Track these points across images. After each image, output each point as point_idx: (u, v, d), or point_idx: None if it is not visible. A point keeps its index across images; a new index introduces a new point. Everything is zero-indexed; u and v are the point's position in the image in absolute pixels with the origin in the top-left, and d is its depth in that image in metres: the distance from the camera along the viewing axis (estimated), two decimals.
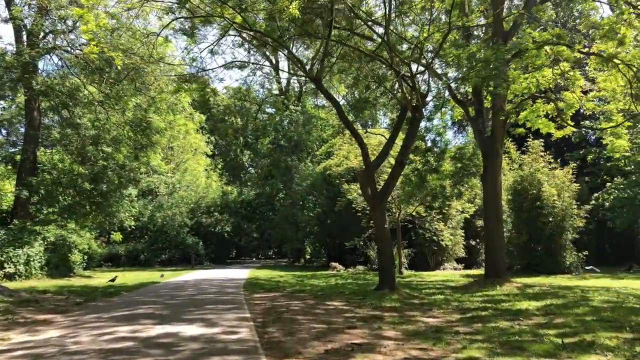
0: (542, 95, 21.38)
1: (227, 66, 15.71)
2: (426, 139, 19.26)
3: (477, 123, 17.80)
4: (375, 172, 14.78)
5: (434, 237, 26.68)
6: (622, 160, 30.23)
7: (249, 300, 12.95)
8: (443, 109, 21.68)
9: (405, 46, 15.32)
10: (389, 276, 13.92)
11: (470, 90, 17.70)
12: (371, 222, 25.38)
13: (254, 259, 52.81)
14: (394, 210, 24.93)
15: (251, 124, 38.64)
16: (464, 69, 14.53)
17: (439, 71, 15.49)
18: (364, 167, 14.36)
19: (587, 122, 30.83)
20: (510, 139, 26.24)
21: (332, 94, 15.77)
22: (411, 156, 19.06)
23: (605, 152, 30.70)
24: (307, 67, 14.59)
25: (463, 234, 29.31)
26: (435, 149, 19.54)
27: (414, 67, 15.75)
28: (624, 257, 33.69)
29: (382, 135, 20.81)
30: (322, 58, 13.58)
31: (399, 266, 24.77)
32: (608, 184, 29.72)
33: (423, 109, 14.94)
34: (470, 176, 20.20)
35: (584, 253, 24.33)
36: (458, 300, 12.62)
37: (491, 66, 13.91)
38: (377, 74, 16.31)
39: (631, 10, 16.20)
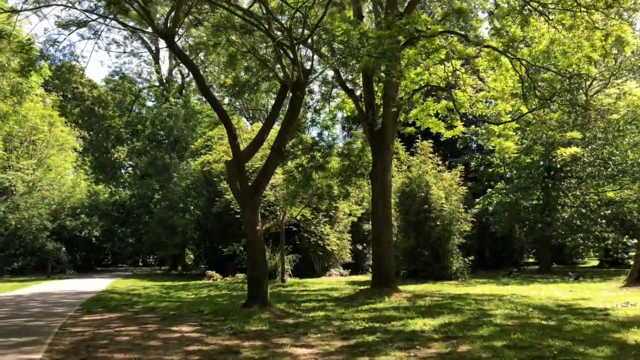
0: (433, 93, 20.15)
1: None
2: (309, 129, 16.85)
3: (367, 115, 15.74)
4: (246, 161, 12.05)
5: (320, 242, 24.43)
6: (502, 167, 30.25)
7: (67, 327, 9.58)
8: (332, 104, 19.63)
9: (286, 16, 12.76)
10: (261, 290, 11.21)
11: (358, 74, 15.59)
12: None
13: (130, 267, 47.56)
14: (279, 213, 22.35)
15: (125, 116, 34.41)
16: (354, 49, 12.30)
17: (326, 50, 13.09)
18: (232, 155, 11.57)
19: (473, 127, 30.51)
20: (399, 139, 24.76)
21: (188, 57, 12.84)
22: (295, 150, 16.62)
23: (489, 157, 30.70)
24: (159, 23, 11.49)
25: (350, 238, 27.47)
26: (322, 144, 17.24)
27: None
28: (502, 261, 33.96)
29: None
30: (175, 6, 10.59)
31: (282, 274, 22.23)
32: (489, 189, 29.46)
33: (306, 87, 12.48)
34: (359, 176, 18.13)
35: (470, 258, 23.37)
36: (340, 318, 10.21)
37: (384, 45, 11.84)
38: (256, 48, 13.59)
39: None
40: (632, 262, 34.10)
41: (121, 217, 39.66)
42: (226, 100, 30.05)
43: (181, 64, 34.84)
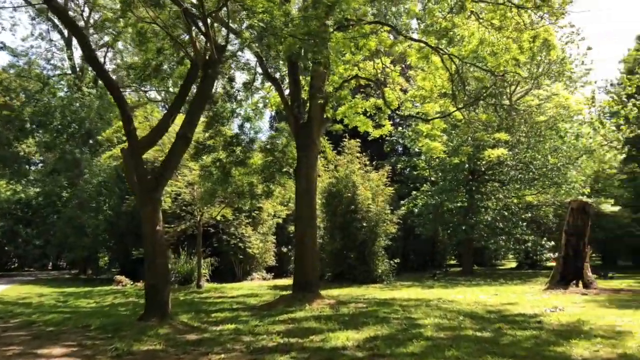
0: (362, 90, 19.28)
1: None
2: (228, 120, 15.28)
3: (292, 107, 14.42)
4: (146, 150, 10.34)
5: (240, 244, 22.80)
6: (428, 170, 29.98)
7: None
8: (257, 96, 18.20)
9: None
10: (161, 300, 9.54)
11: (282, 62, 14.24)
12: (168, 226, 20.69)
13: (36, 271, 43.33)
14: (196, 213, 20.53)
15: (31, 105, 31.02)
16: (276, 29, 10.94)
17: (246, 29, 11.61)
18: (127, 143, 9.82)
19: (400, 129, 30.04)
20: (327, 137, 23.66)
21: (70, 18, 11.00)
22: (213, 143, 14.99)
23: (415, 159, 30.34)
24: None
25: (275, 241, 26.04)
26: (243, 137, 15.72)
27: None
28: (426, 263, 33.76)
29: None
30: None
31: (198, 279, 20.41)
32: (414, 192, 29.03)
33: (219, 66, 10.95)
34: (283, 173, 16.75)
35: (395, 260, 22.62)
36: (252, 332, 8.77)
37: (310, 26, 10.59)
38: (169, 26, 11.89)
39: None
40: (549, 264, 35.11)
41: (26, 217, 35.91)
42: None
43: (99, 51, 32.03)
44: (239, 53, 14.66)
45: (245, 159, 15.57)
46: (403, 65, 20.41)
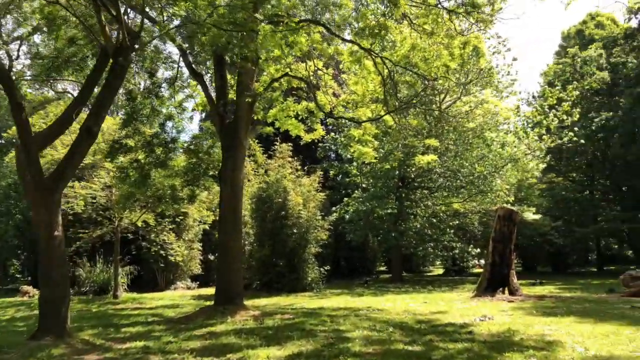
0: (294, 92, 18.67)
1: None
2: (149, 118, 14.09)
3: (217, 105, 13.49)
4: (44, 146, 9.10)
5: (162, 252, 21.41)
6: (360, 177, 29.78)
7: None
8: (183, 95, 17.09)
9: None
10: (58, 315, 8.32)
11: (209, 57, 13.28)
12: (82, 231, 19.07)
13: None
14: (115, 218, 19.01)
15: None
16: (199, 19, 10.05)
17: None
18: (19, 138, 8.52)
19: (332, 134, 29.65)
20: (257, 141, 22.82)
21: None
22: (131, 142, 13.76)
23: (347, 166, 30.05)
24: None
25: (201, 248, 24.76)
26: (164, 136, 14.58)
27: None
28: (356, 270, 33.53)
29: None
30: None
31: (115, 289, 18.88)
32: (346, 198, 28.70)
33: (132, 54, 9.88)
34: (208, 177, 15.75)
35: (326, 268, 22.04)
36: (163, 351, 7.80)
37: (238, 16, 9.79)
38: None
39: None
40: (475, 271, 35.87)
41: None
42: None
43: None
44: (161, 45, 13.62)
45: (166, 160, 14.47)
46: (335, 70, 20.00)
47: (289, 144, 22.34)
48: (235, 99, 13.79)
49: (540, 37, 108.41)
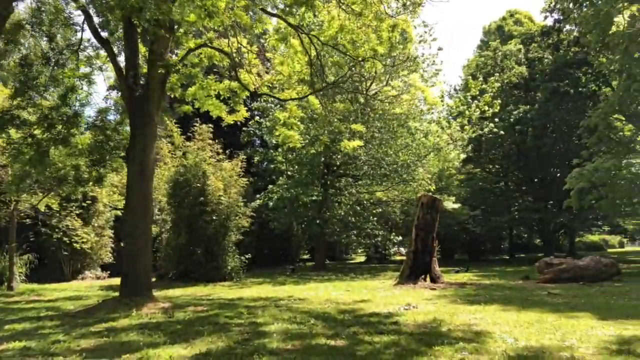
0: (215, 70, 17.51)
1: None
2: (47, 89, 12.42)
3: (126, 76, 12.09)
4: None
5: (65, 239, 19.50)
6: (285, 163, 28.99)
7: None
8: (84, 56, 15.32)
9: None
10: None
11: (116, 23, 11.81)
12: None
13: None
14: (10, 200, 16.95)
15: None
16: None
17: None
18: None
19: (257, 118, 28.59)
20: (175, 121, 21.31)
21: None
22: (24, 114, 12.05)
23: (272, 152, 29.09)
24: None
25: (112, 235, 22.93)
26: (66, 110, 12.93)
27: None
28: (280, 258, 32.80)
29: None
30: None
31: (10, 279, 16.88)
32: (270, 186, 27.79)
33: (11, 5, 8.41)
34: (117, 157, 14.25)
35: (247, 256, 21.04)
36: (46, 352, 6.60)
37: None
38: None
39: None
40: (396, 258, 36.23)
41: None
42: None
43: None
44: (62, 5, 11.99)
45: (68, 136, 12.85)
46: (260, 49, 19.01)
47: (209, 125, 21.01)
48: (146, 70, 12.43)
49: (462, 30, 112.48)
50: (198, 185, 19.80)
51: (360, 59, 13.91)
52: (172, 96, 15.77)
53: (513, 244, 42.40)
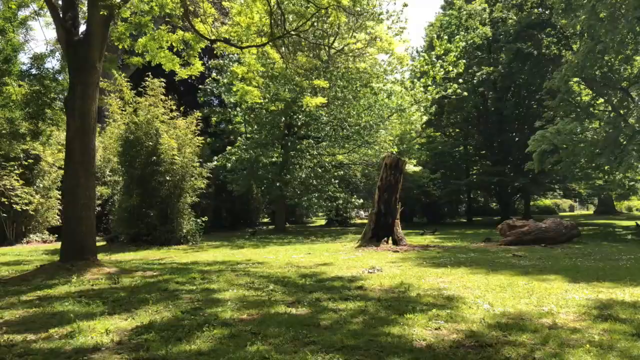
0: (168, 20, 16.13)
1: None
2: None
3: (64, 17, 10.71)
4: None
5: (4, 199, 18.00)
6: (243, 124, 27.85)
7: None
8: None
9: None
10: None
11: None
12: None
13: None
14: None
15: None
16: None
17: None
18: None
19: (215, 75, 27.18)
20: (125, 76, 19.77)
21: None
22: None
23: (230, 110, 27.79)
24: None
25: (60, 196, 21.42)
26: None
27: None
28: (239, 222, 31.96)
29: None
30: None
31: None
32: (229, 147, 26.62)
33: None
34: (57, 109, 12.90)
35: (204, 219, 20.07)
36: None
37: None
38: None
39: None
40: (357, 221, 35.97)
41: None
42: None
43: None
44: None
45: None
46: None
47: (161, 79, 19.57)
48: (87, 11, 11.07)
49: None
50: (150, 143, 18.55)
51: (323, 6, 12.86)
52: (121, 47, 14.40)
53: (470, 208, 42.88)
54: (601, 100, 22.84)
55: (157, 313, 6.07)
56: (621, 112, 20.18)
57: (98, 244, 19.58)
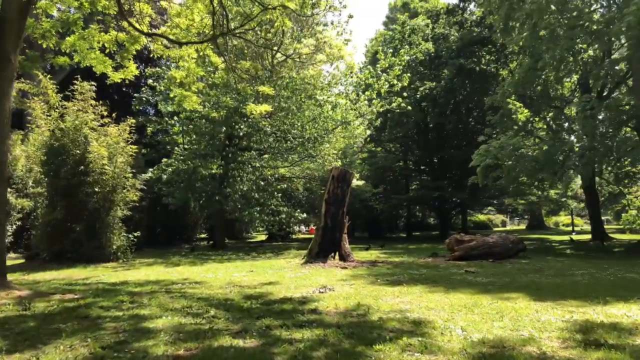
0: (99, 18, 14.85)
1: None
2: None
3: None
4: None
5: None
6: (181, 135, 26.41)
7: None
8: None
9: None
10: None
11: None
12: None
13: None
14: None
15: None
16: None
17: None
18: None
19: (151, 81, 25.68)
20: (50, 77, 18.01)
21: None
22: None
23: (167, 120, 26.26)
24: None
25: None
26: None
27: None
28: (174, 237, 30.23)
29: None
30: None
31: None
32: (165, 159, 25.05)
33: None
34: None
35: (136, 234, 18.49)
36: None
37: None
38: None
39: None
40: (299, 236, 35.02)
41: None
42: None
43: None
44: None
45: None
46: None
47: (92, 82, 17.98)
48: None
49: (367, 6, 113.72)
50: (78, 151, 16.89)
51: (271, 6, 12.03)
52: (45, 46, 13.00)
53: (409, 223, 43.11)
54: (538, 119, 23.37)
55: (70, 350, 4.89)
56: (558, 129, 20.64)
57: (17, 261, 17.74)
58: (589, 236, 27.56)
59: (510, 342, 4.99)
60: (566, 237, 30.11)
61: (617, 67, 19.15)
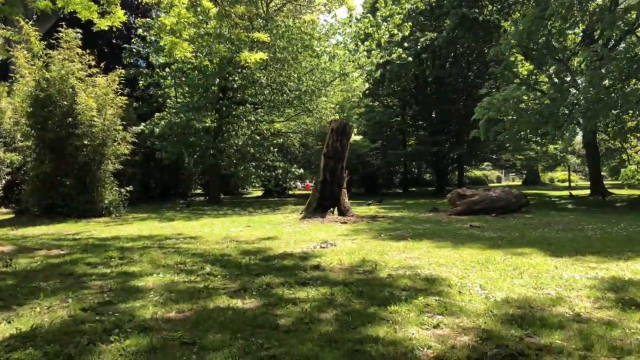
0: None
1: None
2: None
3: None
4: None
5: None
6: (174, 87, 25.38)
7: None
8: None
9: None
10: None
11: None
12: None
13: None
14: None
15: None
16: None
17: None
18: None
19: (140, 31, 24.48)
20: (26, 19, 16.87)
21: None
22: None
23: (158, 72, 25.19)
24: None
25: None
26: None
27: None
28: (169, 192, 29.66)
29: None
30: None
31: None
32: (157, 113, 24.08)
33: None
34: None
35: (128, 188, 17.86)
36: None
37: None
38: None
39: None
40: (296, 192, 34.57)
41: None
42: None
43: None
44: None
45: None
46: None
47: (77, 30, 16.92)
48: None
49: None
50: (65, 103, 16.02)
51: None
52: None
53: (405, 178, 42.63)
54: (540, 72, 22.50)
55: (48, 312, 4.35)
56: (561, 82, 19.83)
57: (7, 216, 17.14)
58: (587, 191, 27.22)
59: (537, 302, 4.49)
60: (564, 193, 29.80)
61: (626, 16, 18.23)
